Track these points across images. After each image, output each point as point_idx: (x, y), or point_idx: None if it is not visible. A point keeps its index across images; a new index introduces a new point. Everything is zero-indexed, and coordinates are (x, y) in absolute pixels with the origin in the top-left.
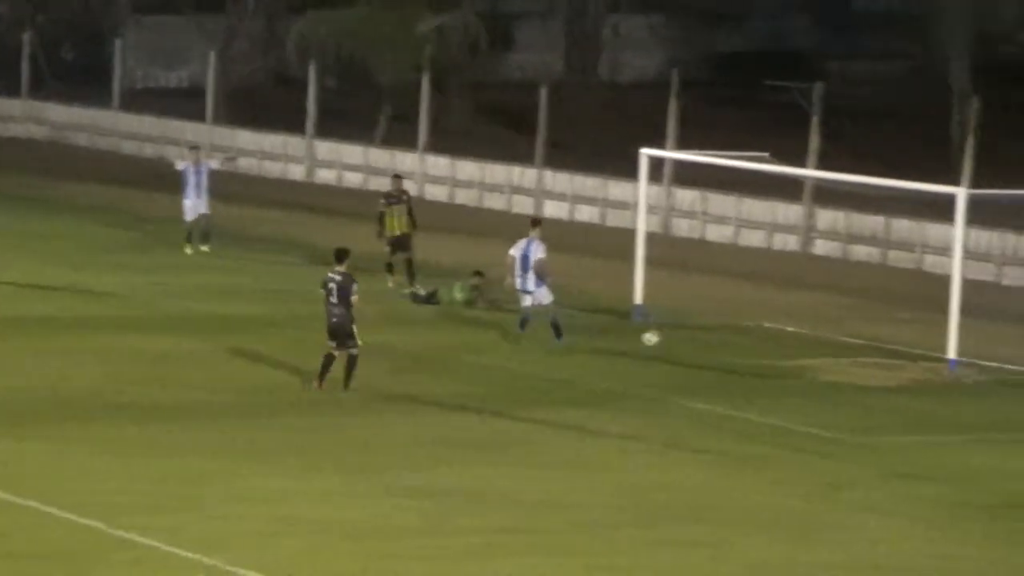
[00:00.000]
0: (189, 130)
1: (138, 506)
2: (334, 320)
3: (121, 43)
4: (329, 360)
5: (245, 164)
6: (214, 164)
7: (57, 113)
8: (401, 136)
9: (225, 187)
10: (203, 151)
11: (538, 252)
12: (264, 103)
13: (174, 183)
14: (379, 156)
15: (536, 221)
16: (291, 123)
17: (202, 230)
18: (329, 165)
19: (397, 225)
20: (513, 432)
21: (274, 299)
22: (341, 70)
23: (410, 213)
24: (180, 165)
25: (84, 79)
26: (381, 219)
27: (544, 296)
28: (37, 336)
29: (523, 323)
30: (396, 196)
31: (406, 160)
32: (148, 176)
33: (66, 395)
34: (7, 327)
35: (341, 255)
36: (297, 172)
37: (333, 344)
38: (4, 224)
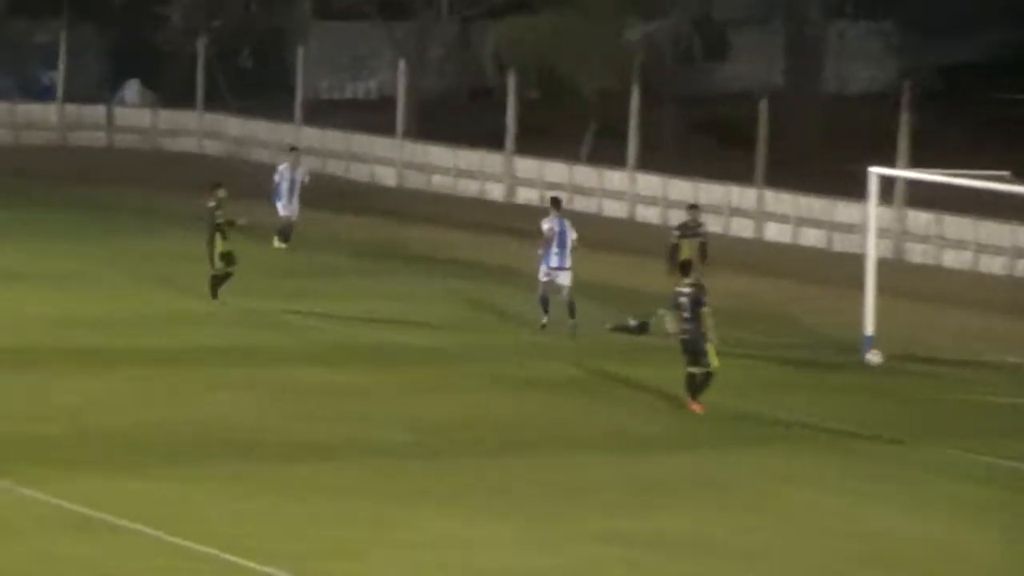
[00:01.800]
0: (378, 145)
1: (320, 552)
2: (686, 337)
3: (303, 51)
4: (691, 379)
5: (439, 182)
6: (306, 179)
7: (234, 127)
8: (608, 153)
9: (416, 207)
10: (301, 154)
11: (573, 231)
12: (459, 116)
13: (364, 203)
14: (585, 174)
15: (556, 202)
16: (488, 138)
17: (283, 227)
18: (530, 184)
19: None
20: (720, 475)
21: (460, 328)
22: (542, 81)
23: (703, 248)
24: (276, 176)
25: (263, 90)
26: (673, 252)
27: (567, 278)
28: (208, 368)
29: (545, 302)
30: (692, 227)
31: (614, 179)
32: (333, 196)
33: (227, 431)
34: (181, 359)
35: (687, 267)
36: (496, 191)
37: (687, 360)
38: (179, 249)
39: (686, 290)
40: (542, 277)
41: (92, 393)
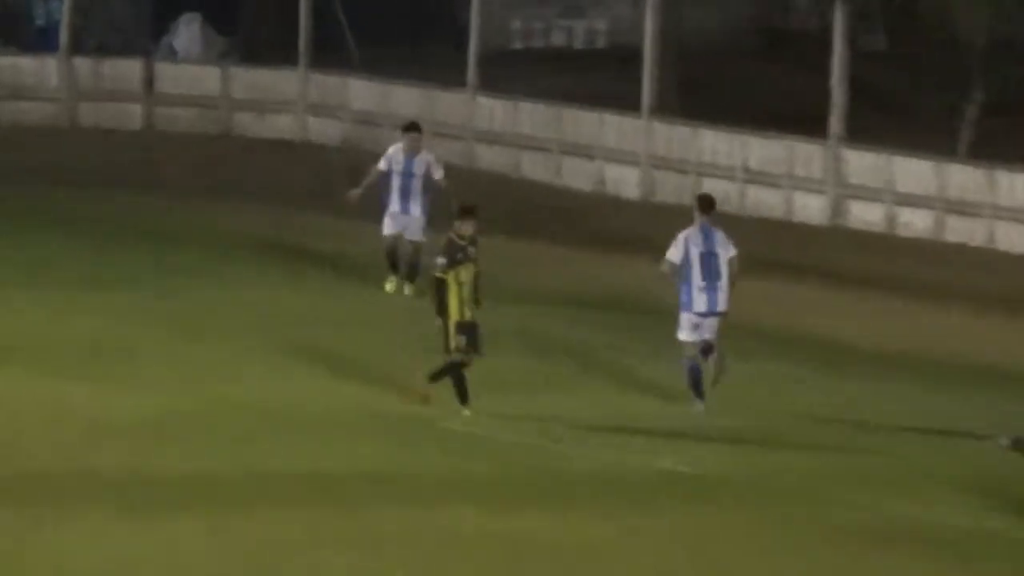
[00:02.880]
0: (609, 128)
1: None
2: None
3: None
4: None
5: (715, 190)
6: (440, 174)
7: (362, 96)
8: (1007, 143)
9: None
10: (423, 135)
11: (729, 247)
12: (746, 79)
13: (590, 226)
14: (966, 180)
15: (708, 202)
16: (799, 117)
17: (408, 261)
18: (871, 195)
19: None
20: None
21: (754, 441)
22: (893, 19)
23: None
24: (383, 163)
25: (412, 35)
26: None
27: (715, 327)
28: (319, 508)
29: (696, 380)
30: None
31: (1017, 188)
32: (535, 214)
33: None
34: (274, 493)
35: None
36: (813, 208)
37: None
38: (265, 302)
39: None
40: (684, 335)
41: (125, 552)
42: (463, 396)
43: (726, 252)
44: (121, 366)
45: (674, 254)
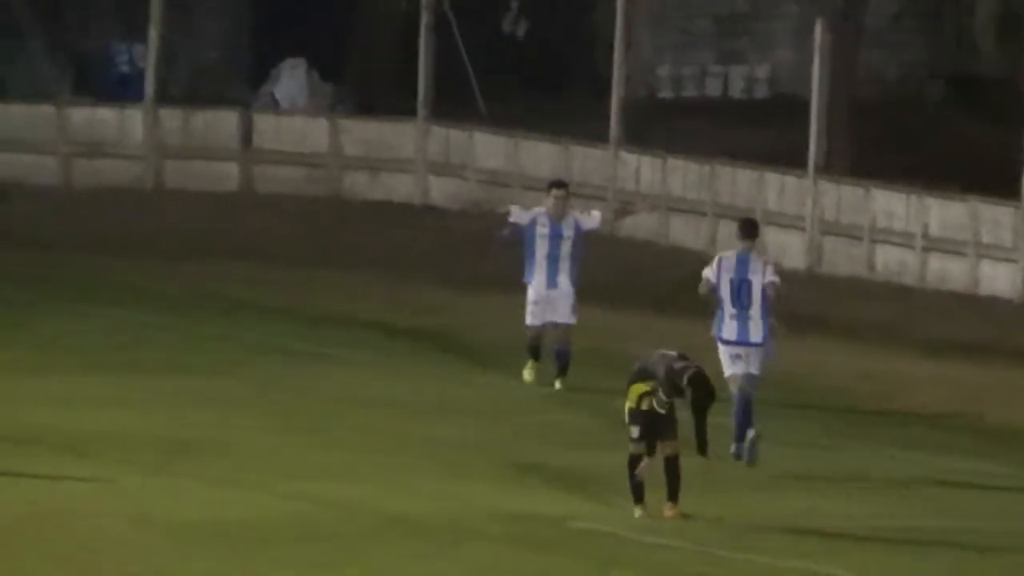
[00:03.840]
0: (772, 189)
1: None
2: None
3: (625, 8)
4: None
5: (891, 259)
6: (594, 217)
7: (490, 152)
8: None
9: (890, 328)
10: (569, 193)
11: (769, 274)
12: (926, 132)
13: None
14: None
15: (749, 227)
16: (988, 177)
17: (557, 348)
18: None
19: None
20: None
21: None
22: None
23: None
24: (517, 214)
25: (546, 82)
26: None
27: (755, 362)
28: None
29: (743, 435)
30: None
31: None
32: (696, 291)
33: None
34: None
35: None
36: (1003, 279)
37: None
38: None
39: None
40: (726, 369)
41: None
42: (635, 494)
43: (761, 279)
44: (213, 462)
45: (709, 272)
